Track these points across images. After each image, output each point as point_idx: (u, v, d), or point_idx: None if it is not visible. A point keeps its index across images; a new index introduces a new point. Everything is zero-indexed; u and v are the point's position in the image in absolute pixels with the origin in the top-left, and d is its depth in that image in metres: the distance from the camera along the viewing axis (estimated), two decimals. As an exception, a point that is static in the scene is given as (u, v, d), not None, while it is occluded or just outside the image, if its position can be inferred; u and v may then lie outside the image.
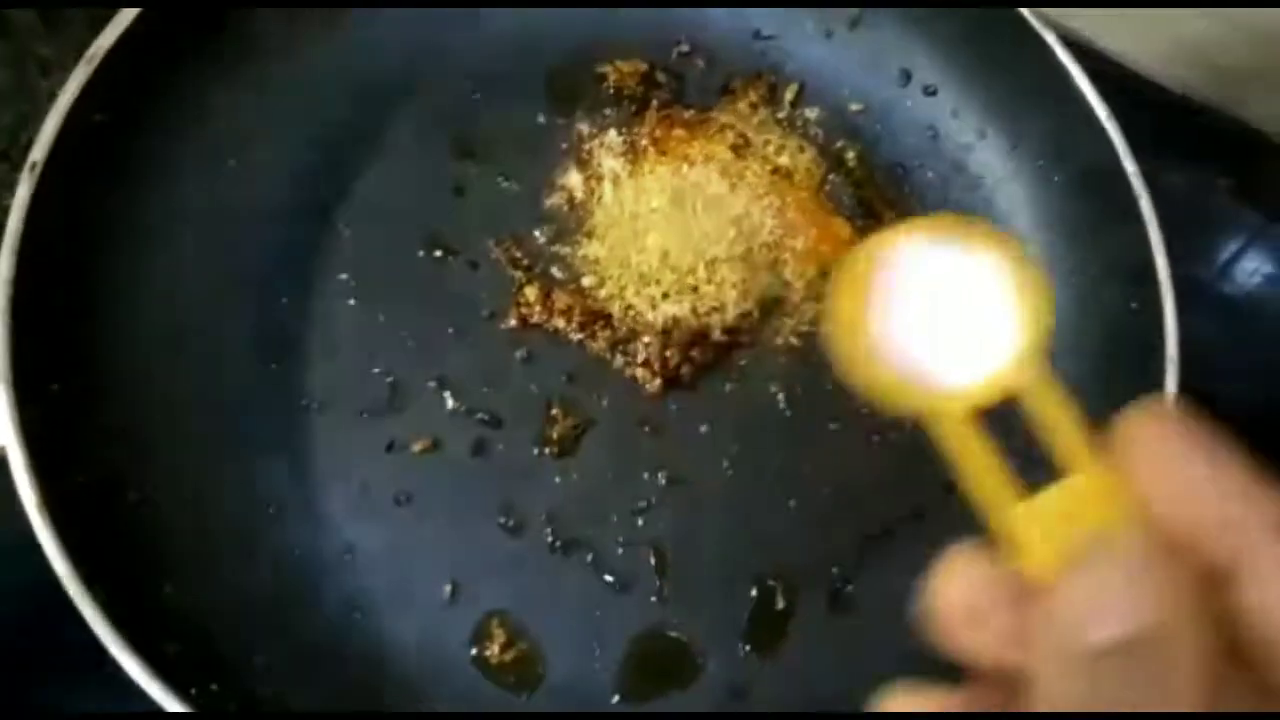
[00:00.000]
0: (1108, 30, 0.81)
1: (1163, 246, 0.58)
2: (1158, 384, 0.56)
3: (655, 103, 0.67)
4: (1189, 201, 0.78)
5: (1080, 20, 0.81)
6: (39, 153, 0.54)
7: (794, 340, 0.63)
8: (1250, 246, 0.78)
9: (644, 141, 0.66)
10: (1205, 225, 0.79)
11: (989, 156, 0.67)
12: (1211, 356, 0.72)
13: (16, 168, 0.70)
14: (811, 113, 0.68)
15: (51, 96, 0.73)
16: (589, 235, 0.64)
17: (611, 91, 0.67)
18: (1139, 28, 0.81)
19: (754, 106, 0.68)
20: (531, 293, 0.62)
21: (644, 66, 0.68)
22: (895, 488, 0.60)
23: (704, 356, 0.62)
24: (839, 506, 0.60)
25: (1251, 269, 0.78)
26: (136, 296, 0.57)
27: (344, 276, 0.62)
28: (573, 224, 0.64)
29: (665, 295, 0.62)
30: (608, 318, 0.62)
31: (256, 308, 0.60)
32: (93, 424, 0.53)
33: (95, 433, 0.53)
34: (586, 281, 0.63)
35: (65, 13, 0.76)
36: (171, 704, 0.47)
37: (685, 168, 0.65)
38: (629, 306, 0.62)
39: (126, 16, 0.56)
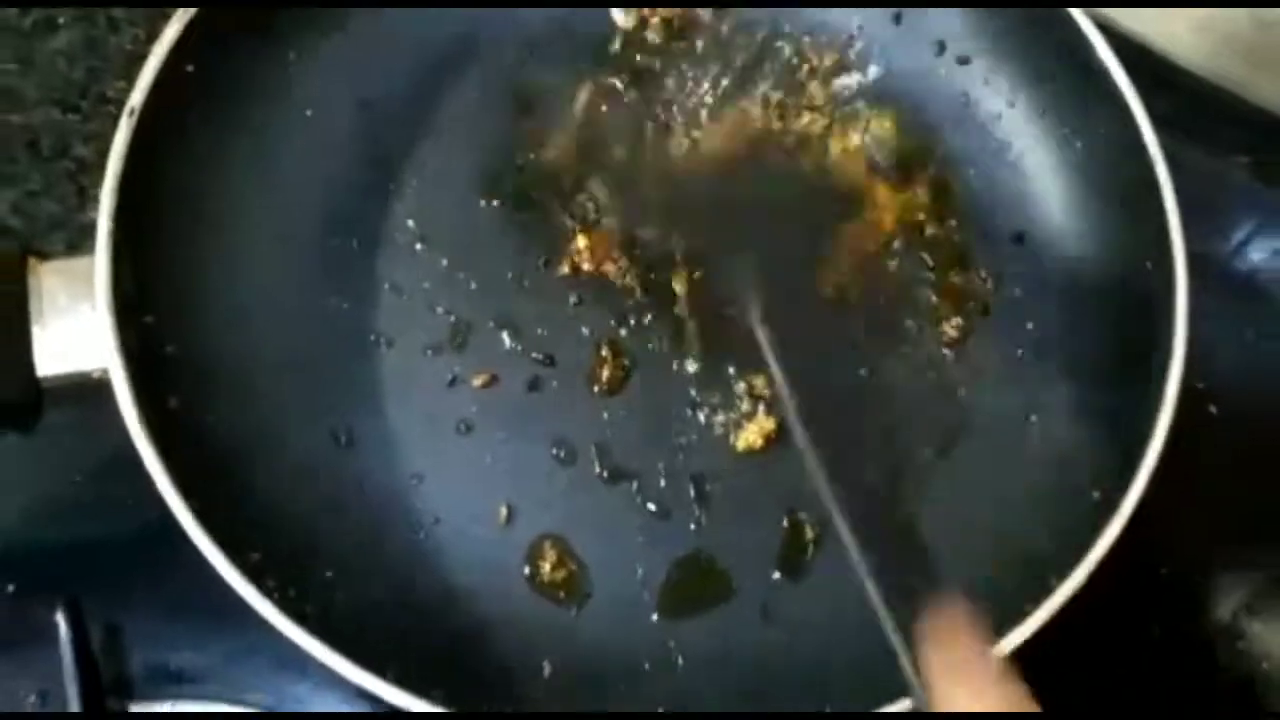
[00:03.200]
0: (1130, 12, 0.85)
1: (1178, 213, 0.62)
2: (1167, 349, 0.60)
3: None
4: (1207, 177, 0.82)
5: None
6: (137, 98, 0.58)
7: (828, 291, 0.67)
8: (1265, 227, 0.82)
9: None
10: (1222, 202, 0.83)
11: (1017, 124, 0.71)
12: (1220, 331, 0.76)
13: (88, 118, 0.76)
14: (850, 79, 0.72)
15: (121, 52, 0.78)
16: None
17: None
18: (1158, 10, 0.84)
19: (793, 71, 0.72)
20: (583, 241, 0.66)
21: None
22: (918, 428, 0.65)
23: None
24: (866, 444, 0.64)
25: (1265, 248, 0.82)
26: (221, 236, 0.62)
27: (410, 223, 0.66)
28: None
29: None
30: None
31: (330, 250, 0.65)
32: (182, 354, 0.58)
33: (184, 362, 0.58)
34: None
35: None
36: (258, 602, 0.52)
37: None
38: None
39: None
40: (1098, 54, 0.65)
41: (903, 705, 0.50)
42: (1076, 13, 0.65)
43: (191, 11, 0.60)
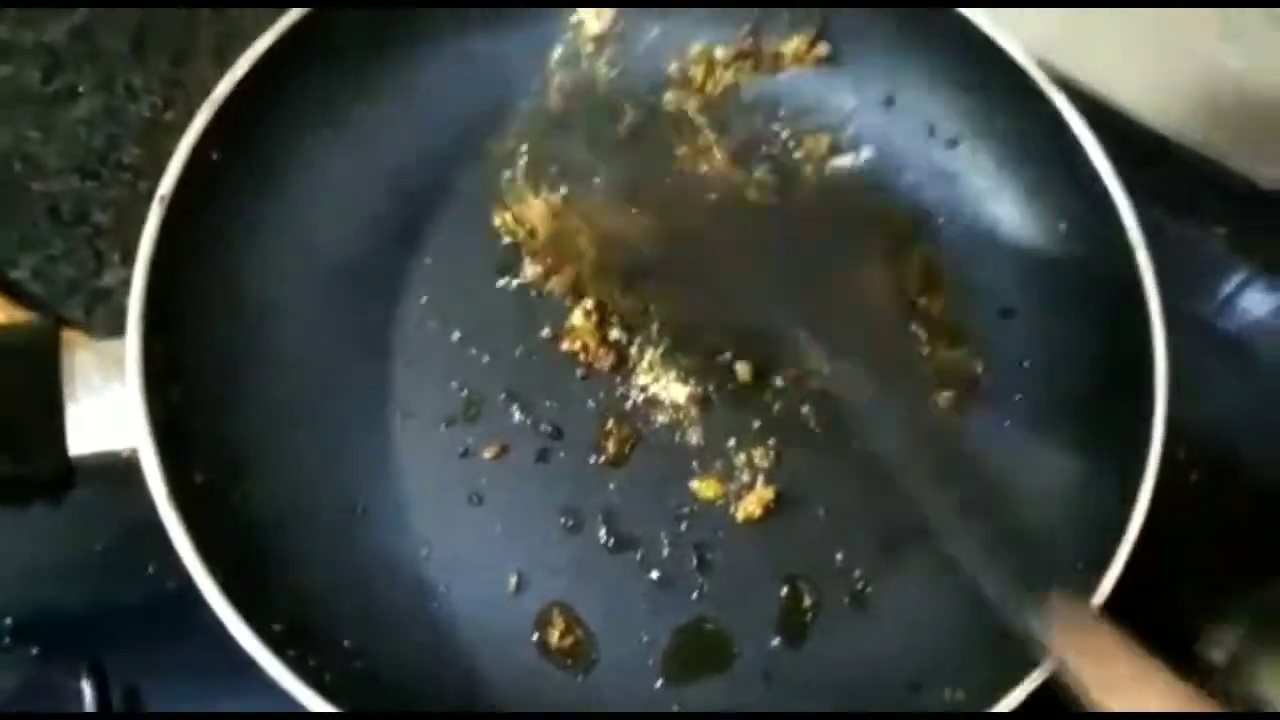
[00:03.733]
0: (1111, 81, 0.88)
1: (1158, 294, 0.65)
2: (1148, 424, 0.62)
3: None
4: (1186, 247, 0.85)
5: (1084, 71, 0.87)
6: (167, 186, 0.61)
7: (824, 365, 0.70)
8: (1248, 285, 0.85)
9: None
10: (1203, 267, 0.85)
11: (1004, 204, 0.74)
12: (1208, 388, 0.79)
13: (106, 185, 0.78)
14: (844, 160, 0.75)
15: (140, 120, 0.81)
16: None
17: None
18: (1139, 78, 0.87)
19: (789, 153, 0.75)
20: (578, 319, 0.69)
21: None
22: (910, 502, 0.67)
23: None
24: (862, 516, 0.67)
25: (1248, 306, 0.84)
26: (247, 315, 0.65)
27: (424, 300, 0.69)
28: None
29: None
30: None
31: (350, 326, 0.68)
32: (208, 429, 0.61)
33: (210, 437, 0.61)
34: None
35: (152, 40, 0.84)
36: (280, 674, 0.54)
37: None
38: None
39: (244, 64, 0.64)
40: (1079, 137, 0.67)
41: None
42: (1059, 96, 0.68)
43: (220, 99, 0.63)
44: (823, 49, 0.75)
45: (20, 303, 0.74)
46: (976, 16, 0.69)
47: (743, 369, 0.70)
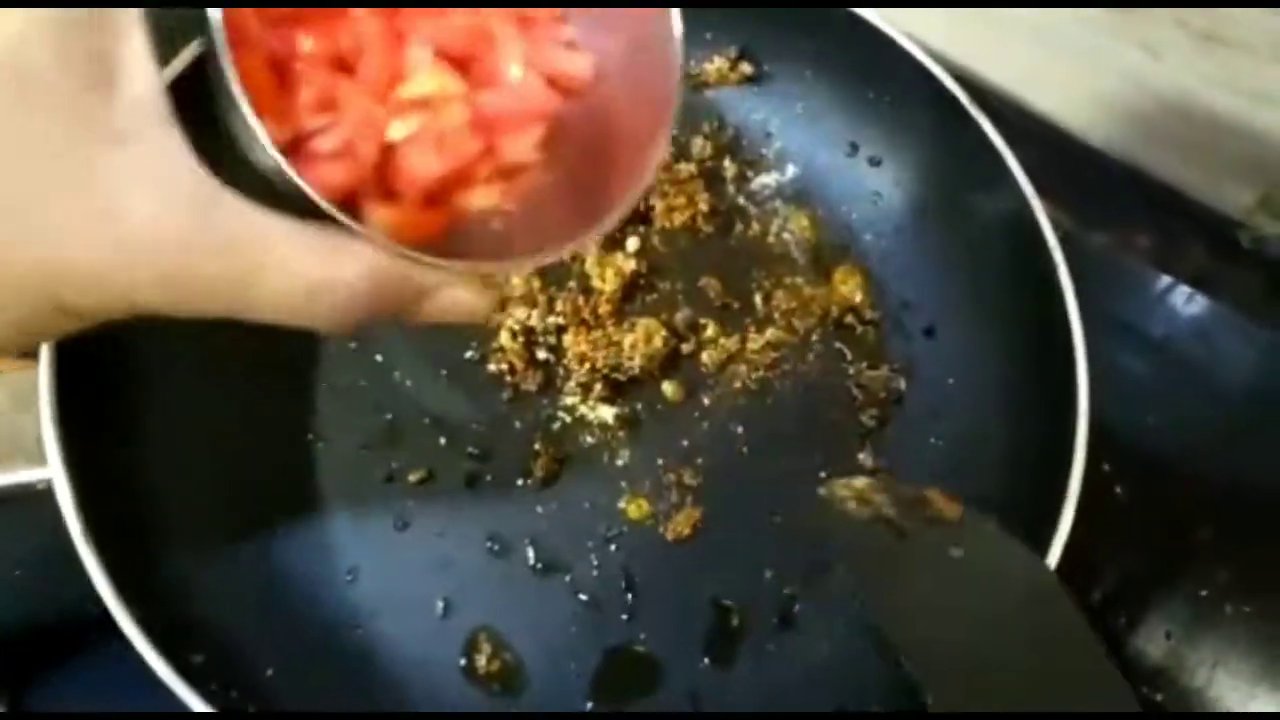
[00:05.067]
0: (1036, 92, 0.89)
1: (1077, 309, 0.65)
2: (1069, 442, 0.63)
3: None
4: (1111, 254, 0.86)
5: (1010, 82, 0.89)
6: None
7: (751, 384, 0.70)
8: (1173, 290, 0.86)
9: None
10: (1128, 275, 0.86)
11: (926, 223, 0.75)
12: (1137, 392, 0.80)
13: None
14: (769, 178, 0.76)
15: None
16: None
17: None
18: (1064, 89, 0.89)
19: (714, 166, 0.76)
20: (505, 340, 0.69)
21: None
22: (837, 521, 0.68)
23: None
24: (789, 537, 0.67)
25: (1175, 311, 0.85)
26: (162, 341, 0.63)
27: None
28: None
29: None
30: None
31: (265, 349, 0.66)
32: (123, 460, 0.60)
33: (124, 468, 0.60)
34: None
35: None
36: (200, 706, 0.53)
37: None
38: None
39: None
40: (1002, 156, 0.68)
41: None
42: (979, 115, 0.69)
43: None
44: (746, 68, 0.76)
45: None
46: (893, 32, 0.70)
47: (670, 388, 0.70)
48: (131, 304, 0.35)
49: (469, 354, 0.69)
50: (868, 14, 0.69)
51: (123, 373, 0.61)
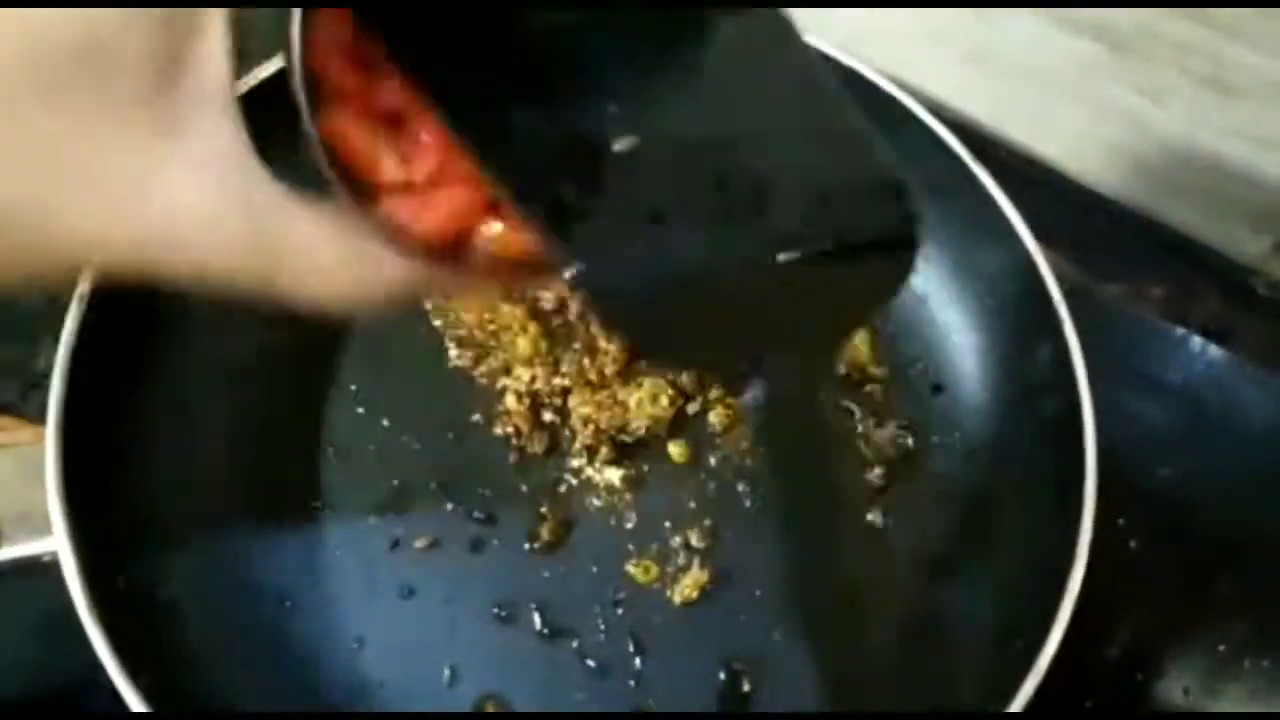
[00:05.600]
0: (1042, 140, 0.89)
1: (1085, 371, 0.65)
2: (1079, 501, 0.62)
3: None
4: (1122, 308, 0.85)
5: (1016, 130, 0.88)
6: (84, 285, 0.60)
7: (758, 444, 0.70)
8: (1187, 341, 0.85)
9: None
10: (1141, 325, 0.85)
11: (933, 281, 0.74)
12: (1148, 441, 0.79)
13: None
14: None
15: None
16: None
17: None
18: (1067, 136, 0.88)
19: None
20: (511, 402, 0.69)
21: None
22: (845, 572, 0.67)
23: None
24: (798, 595, 0.66)
25: (1193, 361, 0.84)
26: (168, 413, 0.64)
27: (353, 387, 0.69)
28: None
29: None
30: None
31: (274, 417, 0.67)
32: (130, 532, 0.60)
33: (132, 541, 0.60)
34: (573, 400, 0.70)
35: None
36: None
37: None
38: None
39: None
40: (1004, 211, 0.68)
41: None
42: (979, 169, 0.69)
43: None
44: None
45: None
46: (892, 88, 0.70)
47: (676, 449, 0.69)
48: (155, 276, 0.35)
49: (475, 417, 0.69)
50: (865, 69, 0.69)
51: (130, 446, 0.62)
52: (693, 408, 0.71)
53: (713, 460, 0.70)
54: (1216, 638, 0.73)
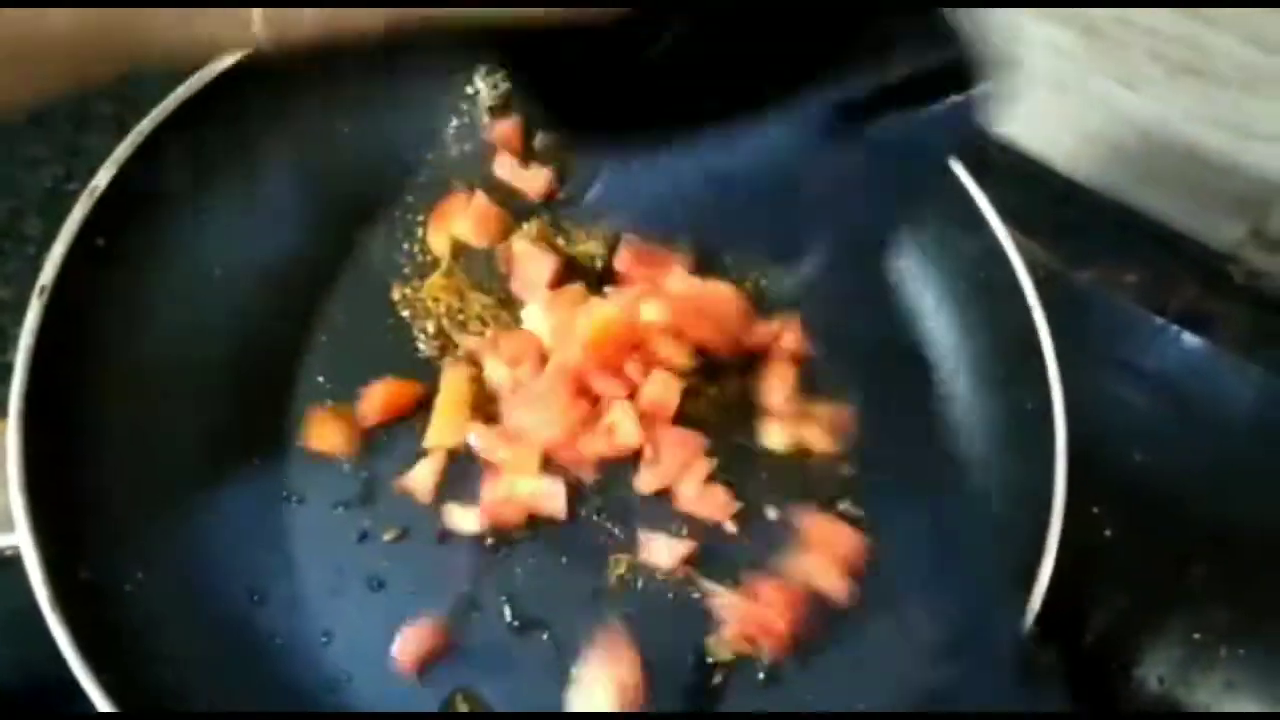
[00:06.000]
0: (1017, 126, 0.89)
1: (1050, 336, 0.65)
2: (1048, 488, 0.62)
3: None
4: (1098, 295, 0.85)
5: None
6: (47, 276, 0.60)
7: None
8: (1165, 329, 0.85)
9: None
10: (1118, 312, 0.86)
11: (903, 265, 0.74)
12: (1123, 427, 0.79)
13: (8, 258, 0.77)
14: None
15: (40, 190, 0.80)
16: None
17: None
18: (1042, 123, 0.88)
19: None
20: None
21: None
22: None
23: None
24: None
25: (1170, 347, 0.84)
26: (133, 403, 0.63)
27: (320, 379, 0.68)
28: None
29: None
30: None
31: (242, 409, 0.66)
32: (94, 525, 0.60)
33: (97, 533, 0.59)
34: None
35: (53, 113, 0.83)
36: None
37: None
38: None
39: (122, 153, 0.63)
40: (972, 195, 0.68)
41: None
42: (954, 161, 0.68)
43: (101, 187, 0.62)
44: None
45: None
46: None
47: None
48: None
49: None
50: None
51: (93, 440, 0.61)
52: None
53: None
54: (1192, 626, 0.73)
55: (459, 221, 0.73)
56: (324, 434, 0.67)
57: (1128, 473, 0.78)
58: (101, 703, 0.53)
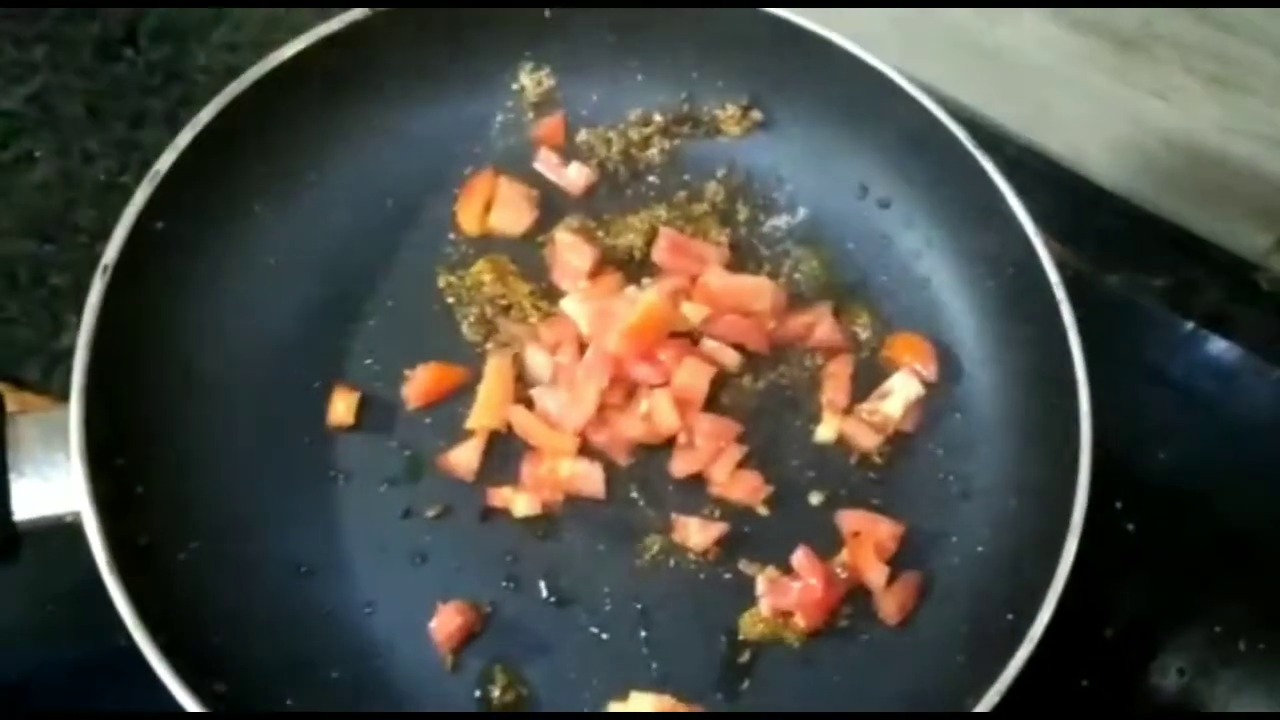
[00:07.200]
0: (1049, 134, 0.90)
1: (1078, 336, 0.67)
2: (1072, 479, 0.64)
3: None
4: (1125, 298, 0.87)
5: (1022, 125, 0.90)
6: (111, 255, 0.62)
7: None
8: (1195, 333, 0.86)
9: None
10: (1146, 317, 0.87)
11: (935, 262, 0.76)
12: (1146, 427, 0.81)
13: (63, 249, 0.79)
14: (780, 220, 0.77)
15: (95, 184, 0.82)
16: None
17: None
18: (1074, 131, 0.90)
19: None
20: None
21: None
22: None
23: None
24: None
25: (1199, 352, 0.86)
26: (190, 382, 0.66)
27: (369, 361, 0.71)
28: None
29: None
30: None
31: (293, 390, 0.69)
32: (152, 494, 0.62)
33: (154, 502, 0.62)
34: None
35: (108, 106, 0.85)
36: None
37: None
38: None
39: (186, 136, 0.66)
40: (1004, 196, 0.70)
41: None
42: (980, 155, 0.70)
43: (162, 171, 0.65)
44: (757, 115, 0.78)
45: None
46: (897, 77, 0.72)
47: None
48: None
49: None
50: (874, 60, 0.71)
51: (150, 415, 0.64)
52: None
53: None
54: (1212, 620, 0.74)
55: (485, 202, 0.76)
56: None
57: (1151, 471, 0.79)
58: (158, 664, 0.55)
